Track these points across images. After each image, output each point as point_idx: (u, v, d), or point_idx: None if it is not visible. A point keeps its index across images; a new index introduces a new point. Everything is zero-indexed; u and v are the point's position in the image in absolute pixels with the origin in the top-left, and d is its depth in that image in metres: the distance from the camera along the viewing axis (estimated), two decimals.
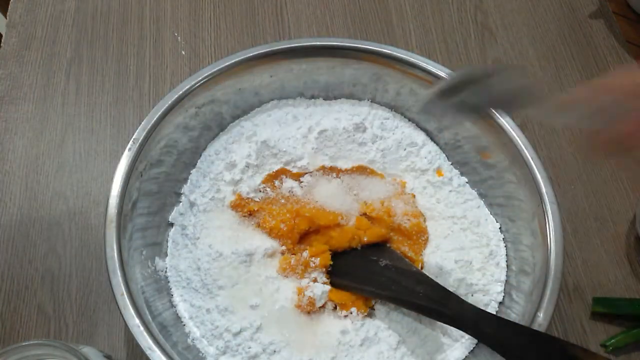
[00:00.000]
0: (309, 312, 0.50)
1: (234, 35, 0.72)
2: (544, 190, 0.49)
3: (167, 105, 0.52)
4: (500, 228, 0.55)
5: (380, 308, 0.51)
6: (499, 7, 0.75)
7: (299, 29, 0.72)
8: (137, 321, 0.44)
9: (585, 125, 0.35)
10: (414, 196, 0.56)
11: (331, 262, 0.51)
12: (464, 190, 0.57)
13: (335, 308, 0.51)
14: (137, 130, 0.51)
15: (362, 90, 0.60)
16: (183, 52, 0.70)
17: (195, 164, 0.57)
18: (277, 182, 0.55)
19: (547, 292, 0.46)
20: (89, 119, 0.65)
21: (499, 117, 0.53)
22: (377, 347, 0.49)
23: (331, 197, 0.54)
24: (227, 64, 0.55)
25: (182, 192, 0.56)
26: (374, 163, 0.57)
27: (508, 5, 0.76)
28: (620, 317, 0.56)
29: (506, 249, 0.54)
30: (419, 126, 0.60)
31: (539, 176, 0.50)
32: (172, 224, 0.55)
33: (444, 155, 0.58)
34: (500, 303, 0.52)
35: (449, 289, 0.46)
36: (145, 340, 0.43)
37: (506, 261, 0.53)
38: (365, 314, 0.50)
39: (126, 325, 0.44)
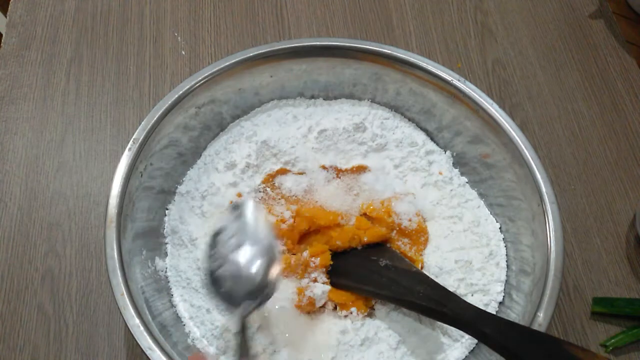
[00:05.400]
0: (309, 312, 0.50)
1: (234, 35, 0.72)
2: (544, 190, 0.49)
3: (167, 105, 0.52)
4: (500, 228, 0.55)
5: (380, 308, 0.51)
6: (499, 7, 0.75)
7: (299, 29, 0.72)
8: (137, 321, 0.44)
9: None
10: (414, 196, 0.56)
11: (331, 262, 0.51)
12: (464, 190, 0.57)
13: (335, 308, 0.51)
14: (137, 130, 0.51)
15: (362, 90, 0.60)
16: (183, 52, 0.70)
17: (195, 164, 0.57)
18: (277, 182, 0.55)
19: (547, 292, 0.46)
20: (89, 119, 0.65)
21: (499, 117, 0.53)
22: (377, 347, 0.49)
23: (331, 197, 0.54)
24: (227, 64, 0.55)
25: (182, 191, 0.56)
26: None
27: (508, 5, 0.76)
28: (620, 317, 0.56)
29: (506, 249, 0.54)
30: (419, 126, 0.60)
31: (539, 176, 0.50)
32: (172, 224, 0.55)
33: (444, 154, 0.59)
34: (500, 303, 0.52)
35: (449, 289, 0.46)
36: (145, 340, 0.43)
37: (506, 261, 0.53)
38: (365, 314, 0.50)
39: (126, 325, 0.44)
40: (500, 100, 0.68)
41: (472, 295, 0.51)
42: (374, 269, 0.50)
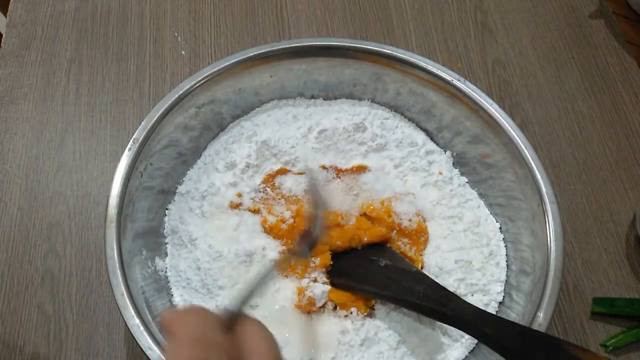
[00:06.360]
0: (309, 312, 0.50)
1: (234, 35, 0.72)
2: (544, 190, 0.49)
3: (167, 105, 0.52)
4: (500, 228, 0.55)
5: (380, 308, 0.51)
6: (499, 7, 0.76)
7: (299, 29, 0.72)
8: (137, 321, 0.44)
9: None
10: (414, 196, 0.56)
11: (331, 262, 0.51)
12: (464, 190, 0.57)
13: (335, 308, 0.51)
14: (137, 130, 0.51)
15: (362, 90, 0.60)
16: (183, 52, 0.70)
17: (195, 164, 0.57)
18: (277, 182, 0.55)
19: (547, 292, 0.46)
20: (89, 119, 0.65)
21: (499, 117, 0.53)
22: (377, 347, 0.49)
23: (331, 197, 0.54)
24: (227, 64, 0.55)
25: (182, 191, 0.56)
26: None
27: (508, 5, 0.76)
28: (620, 317, 0.56)
29: (506, 249, 0.54)
30: (419, 126, 0.60)
31: (539, 176, 0.50)
32: (172, 224, 0.55)
33: (444, 154, 0.59)
34: (500, 303, 0.52)
35: (449, 289, 0.46)
36: (145, 340, 0.43)
37: (506, 261, 0.53)
38: (365, 314, 0.50)
39: (126, 325, 0.44)
40: (500, 100, 0.68)
41: (472, 295, 0.51)
42: (374, 269, 0.50)
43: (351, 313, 0.50)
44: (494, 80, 0.70)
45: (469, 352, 0.49)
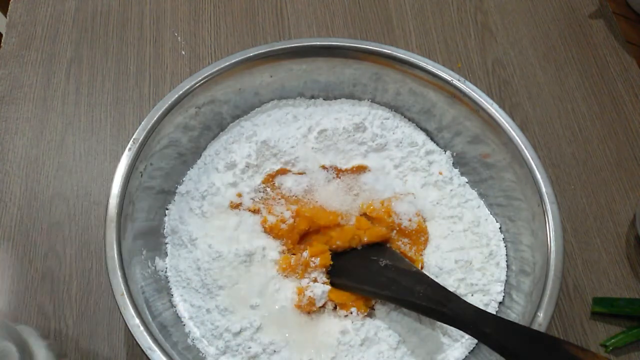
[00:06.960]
0: (309, 312, 0.50)
1: (234, 35, 0.72)
2: (544, 190, 0.49)
3: (167, 105, 0.52)
4: (500, 228, 0.55)
5: (380, 308, 0.51)
6: (499, 7, 0.76)
7: (299, 29, 0.72)
8: (137, 321, 0.44)
9: None
10: (414, 196, 0.56)
11: (331, 262, 0.51)
12: (464, 190, 0.57)
13: (335, 308, 0.51)
14: (137, 130, 0.51)
15: (362, 90, 0.60)
16: (183, 52, 0.70)
17: (195, 164, 0.57)
18: (277, 182, 0.55)
19: (547, 292, 0.46)
20: (89, 119, 0.65)
21: (499, 117, 0.53)
22: (377, 347, 0.49)
23: (331, 197, 0.54)
24: (227, 64, 0.55)
25: (182, 191, 0.56)
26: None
27: (508, 5, 0.76)
28: (620, 317, 0.56)
29: (506, 249, 0.54)
30: (419, 126, 0.60)
31: (539, 176, 0.50)
32: (172, 224, 0.55)
33: (444, 154, 0.59)
34: (500, 303, 0.52)
35: (449, 289, 0.46)
36: (145, 340, 0.43)
37: (506, 261, 0.53)
38: (365, 314, 0.50)
39: (126, 325, 0.44)
40: (500, 100, 0.68)
41: (472, 295, 0.51)
42: (374, 269, 0.50)
43: (351, 313, 0.50)
44: (494, 80, 0.70)
45: (469, 352, 0.49)
